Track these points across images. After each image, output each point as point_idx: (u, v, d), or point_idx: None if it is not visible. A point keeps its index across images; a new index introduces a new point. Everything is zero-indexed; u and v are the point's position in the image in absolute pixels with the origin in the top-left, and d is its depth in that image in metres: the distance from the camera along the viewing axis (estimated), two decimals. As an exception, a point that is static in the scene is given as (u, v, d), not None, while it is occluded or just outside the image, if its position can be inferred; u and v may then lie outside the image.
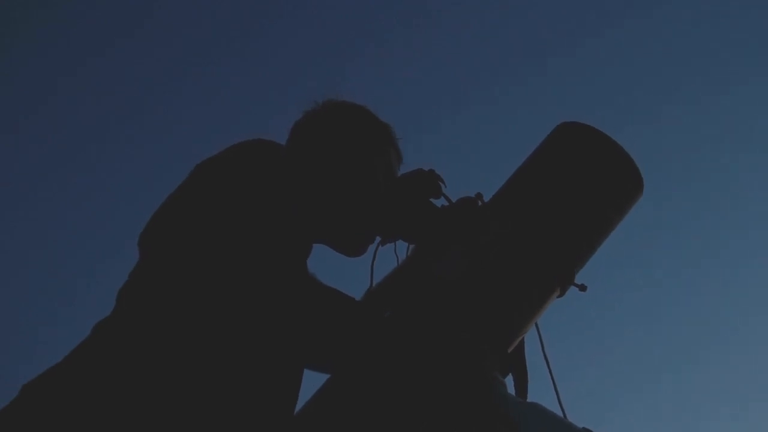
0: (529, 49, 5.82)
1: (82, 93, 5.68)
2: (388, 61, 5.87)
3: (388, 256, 1.99)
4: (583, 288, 1.93)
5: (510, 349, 1.87)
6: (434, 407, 1.66)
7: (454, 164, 5.01)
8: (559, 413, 1.84)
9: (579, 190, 1.92)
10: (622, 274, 5.26)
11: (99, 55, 5.65)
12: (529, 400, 1.87)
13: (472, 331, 1.72)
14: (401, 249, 1.98)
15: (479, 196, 1.91)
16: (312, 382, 1.75)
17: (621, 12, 5.72)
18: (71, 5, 5.73)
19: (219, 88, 5.80)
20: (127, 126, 5.72)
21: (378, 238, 1.97)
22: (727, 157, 5.62)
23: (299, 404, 1.72)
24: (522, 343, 1.93)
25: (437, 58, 5.92)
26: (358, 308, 1.65)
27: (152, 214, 1.71)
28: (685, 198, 5.71)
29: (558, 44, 5.80)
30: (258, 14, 5.82)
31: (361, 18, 5.89)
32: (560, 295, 1.93)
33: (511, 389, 1.86)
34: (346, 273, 1.96)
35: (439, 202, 1.96)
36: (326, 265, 1.86)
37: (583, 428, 1.76)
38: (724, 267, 5.66)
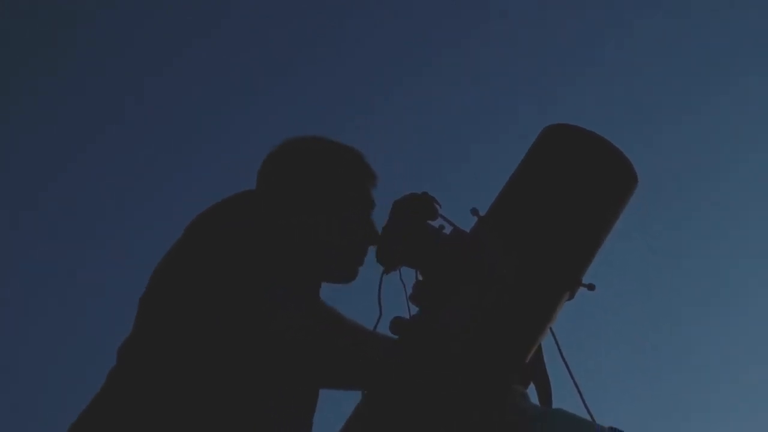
0: (521, 54, 5.80)
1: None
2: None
3: (395, 283, 1.99)
4: (591, 287, 1.93)
5: (528, 359, 1.87)
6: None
7: (445, 182, 5.02)
8: (585, 415, 1.83)
9: (574, 192, 1.92)
10: (630, 267, 5.22)
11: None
12: (554, 406, 1.87)
13: (486, 351, 1.75)
14: (406, 275, 1.98)
15: (475, 211, 1.92)
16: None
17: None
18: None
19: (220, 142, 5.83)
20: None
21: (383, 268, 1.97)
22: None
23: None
24: (540, 350, 1.93)
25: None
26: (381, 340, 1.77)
27: (152, 275, 1.74)
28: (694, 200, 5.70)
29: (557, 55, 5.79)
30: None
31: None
32: (570, 298, 1.94)
33: (534, 399, 1.86)
34: (355, 305, 1.97)
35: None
36: (334, 297, 1.87)
37: (610, 428, 1.76)
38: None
